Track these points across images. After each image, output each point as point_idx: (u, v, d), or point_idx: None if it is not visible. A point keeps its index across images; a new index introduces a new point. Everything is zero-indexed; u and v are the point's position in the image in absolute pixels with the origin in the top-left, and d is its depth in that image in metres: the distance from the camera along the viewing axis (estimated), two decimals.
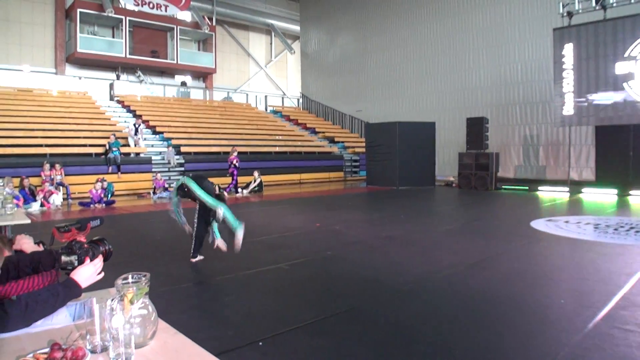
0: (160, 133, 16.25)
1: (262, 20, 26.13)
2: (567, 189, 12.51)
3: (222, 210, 4.82)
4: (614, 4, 11.82)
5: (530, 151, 15.69)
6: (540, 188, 13.09)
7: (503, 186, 13.84)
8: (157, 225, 8.21)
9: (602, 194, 11.95)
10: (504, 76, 16.23)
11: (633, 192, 11.58)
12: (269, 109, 23.98)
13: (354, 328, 3.23)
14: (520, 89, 15.85)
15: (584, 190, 12.35)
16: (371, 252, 5.69)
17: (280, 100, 26.68)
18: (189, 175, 5.23)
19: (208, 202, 4.89)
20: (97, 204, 10.61)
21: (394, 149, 14.79)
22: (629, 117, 11.43)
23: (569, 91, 12.31)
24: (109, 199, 11.00)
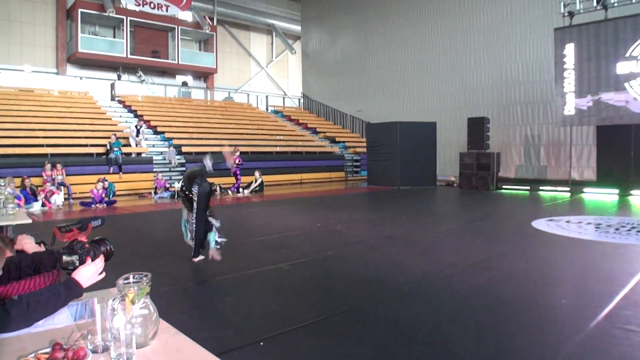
0: (162, 133, 16.25)
1: (263, 20, 26.14)
2: (568, 188, 12.50)
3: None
4: (615, 4, 11.80)
5: (531, 151, 15.67)
6: (541, 188, 13.08)
7: (504, 186, 13.83)
8: (158, 225, 8.23)
9: (604, 193, 11.93)
10: (505, 76, 16.21)
11: (634, 192, 11.56)
12: (270, 109, 23.98)
13: (354, 328, 3.23)
14: (521, 89, 15.83)
15: (585, 190, 12.34)
16: (372, 252, 5.69)
17: (281, 100, 26.68)
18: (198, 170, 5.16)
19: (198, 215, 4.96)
20: (98, 204, 10.63)
21: (395, 149, 14.78)
22: (630, 117, 11.41)
23: (570, 91, 12.30)
24: (110, 199, 11.02)
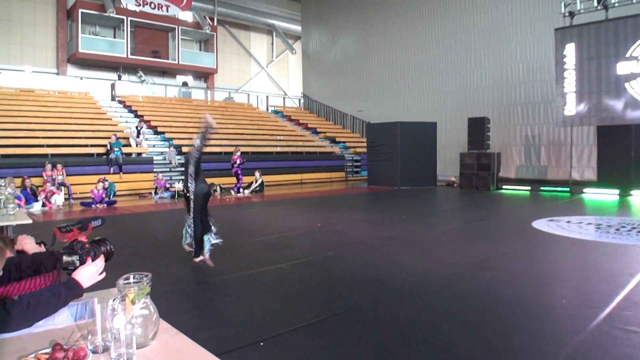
0: (162, 133, 16.26)
1: (263, 20, 26.15)
2: (568, 189, 12.49)
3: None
4: (616, 4, 11.80)
5: (531, 151, 15.66)
6: (541, 188, 13.07)
7: (504, 186, 13.82)
8: (158, 225, 8.23)
9: (604, 194, 11.92)
10: (505, 76, 16.20)
11: (635, 192, 11.56)
12: (270, 109, 23.98)
13: (354, 328, 3.23)
14: (521, 89, 15.83)
15: (586, 191, 12.33)
16: (372, 252, 5.69)
17: (281, 100, 26.68)
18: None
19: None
20: (98, 204, 10.63)
21: (395, 149, 14.78)
22: (630, 117, 11.40)
23: (571, 91, 12.28)
24: (110, 199, 11.02)
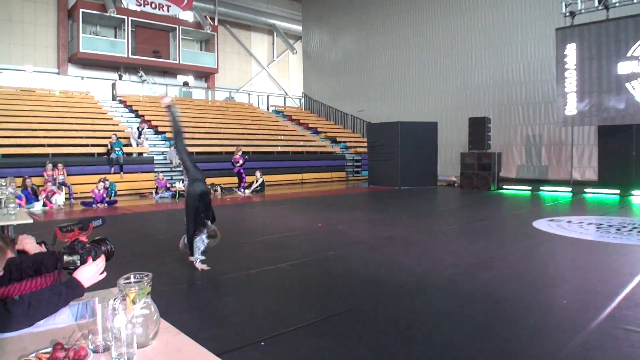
0: (163, 133, 16.26)
1: (264, 20, 26.15)
2: (569, 189, 12.48)
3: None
4: (617, 4, 11.78)
5: (532, 151, 15.66)
6: (542, 188, 13.06)
7: (505, 186, 13.80)
8: (159, 225, 8.23)
9: (605, 194, 11.91)
10: (506, 76, 16.20)
11: (636, 192, 11.54)
12: (271, 108, 23.97)
13: (355, 328, 3.22)
14: (522, 89, 15.82)
15: (587, 190, 12.32)
16: (373, 252, 5.69)
17: (282, 100, 26.68)
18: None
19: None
20: (99, 203, 10.64)
21: (396, 149, 14.77)
22: (631, 117, 11.39)
23: (572, 91, 12.27)
24: (111, 198, 11.03)
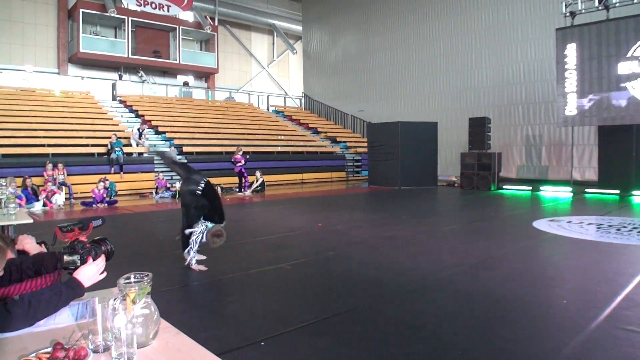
0: (163, 133, 16.27)
1: (264, 20, 26.16)
2: (569, 189, 12.47)
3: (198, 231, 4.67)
4: (617, 4, 11.78)
5: (532, 151, 15.66)
6: (542, 188, 13.06)
7: (505, 186, 13.80)
8: (159, 225, 8.23)
9: (605, 194, 11.90)
10: (506, 76, 16.20)
11: (636, 192, 11.54)
12: (271, 109, 23.97)
13: (355, 328, 3.22)
14: (522, 89, 15.82)
15: (587, 191, 12.32)
16: (373, 252, 5.69)
17: (282, 100, 26.68)
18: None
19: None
20: (99, 203, 10.64)
21: (396, 149, 14.77)
22: (632, 117, 11.39)
23: (572, 91, 12.27)
24: (111, 198, 11.03)
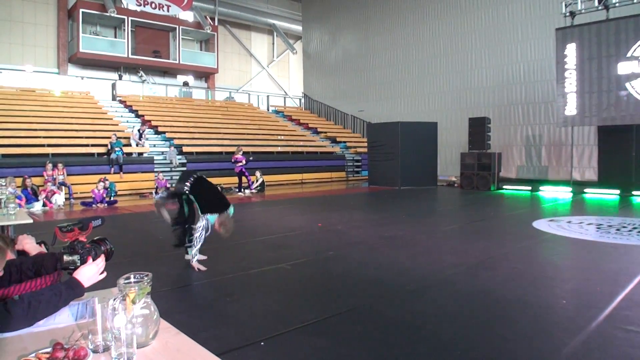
0: (163, 133, 16.27)
1: (264, 20, 26.16)
2: (569, 189, 12.48)
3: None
4: (617, 4, 11.78)
5: (532, 151, 15.66)
6: (542, 188, 13.06)
7: (505, 186, 13.80)
8: (159, 225, 8.20)
9: (605, 194, 11.90)
10: (506, 76, 16.19)
11: (636, 192, 11.54)
12: (271, 109, 23.97)
13: (355, 328, 3.23)
14: (522, 89, 15.82)
15: (587, 191, 12.32)
16: (373, 252, 5.69)
17: (282, 100, 26.68)
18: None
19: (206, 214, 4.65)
20: (99, 203, 10.64)
21: (396, 149, 14.76)
22: (631, 117, 11.39)
23: (572, 91, 12.27)
24: (111, 198, 11.03)
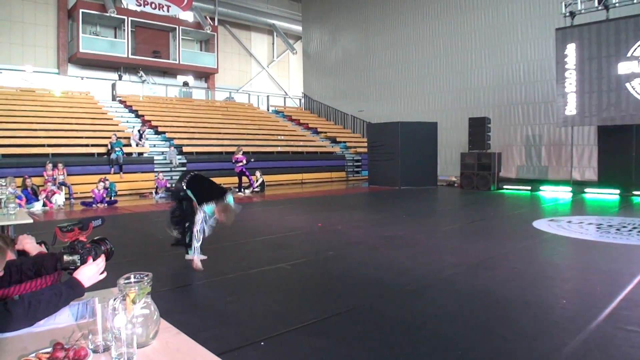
0: (163, 133, 16.27)
1: (264, 20, 26.16)
2: (569, 189, 12.48)
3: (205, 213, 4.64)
4: (617, 4, 11.78)
5: (532, 151, 15.66)
6: (542, 188, 13.06)
7: (505, 186, 13.80)
8: (159, 224, 8.21)
9: (605, 194, 11.90)
10: (506, 76, 16.19)
11: (636, 192, 11.54)
12: (270, 109, 23.97)
13: (355, 328, 3.23)
14: (522, 89, 15.82)
15: (587, 191, 12.32)
16: (373, 252, 5.69)
17: (282, 100, 26.68)
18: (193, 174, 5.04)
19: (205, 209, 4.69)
20: (99, 203, 10.64)
21: (396, 149, 14.76)
22: (631, 117, 11.39)
23: (572, 91, 12.27)
24: (111, 198, 11.03)
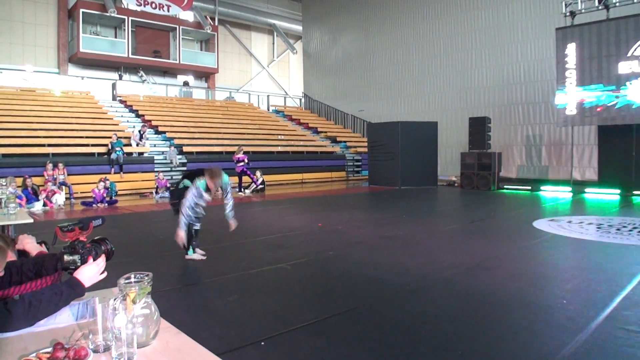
0: (163, 133, 16.27)
1: (264, 20, 26.17)
2: (569, 189, 12.47)
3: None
4: (617, 4, 11.78)
5: (532, 151, 15.65)
6: (542, 188, 13.06)
7: (505, 186, 13.80)
8: (159, 224, 8.22)
9: (605, 194, 11.90)
10: (506, 76, 16.19)
11: (636, 192, 11.53)
12: (271, 108, 23.98)
13: (356, 328, 3.23)
14: (522, 89, 15.82)
15: (587, 190, 12.31)
16: (373, 252, 5.69)
17: (282, 100, 26.68)
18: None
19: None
20: (99, 203, 10.64)
21: (396, 148, 14.76)
22: (631, 117, 11.39)
23: (572, 91, 12.27)
24: (111, 198, 11.03)
